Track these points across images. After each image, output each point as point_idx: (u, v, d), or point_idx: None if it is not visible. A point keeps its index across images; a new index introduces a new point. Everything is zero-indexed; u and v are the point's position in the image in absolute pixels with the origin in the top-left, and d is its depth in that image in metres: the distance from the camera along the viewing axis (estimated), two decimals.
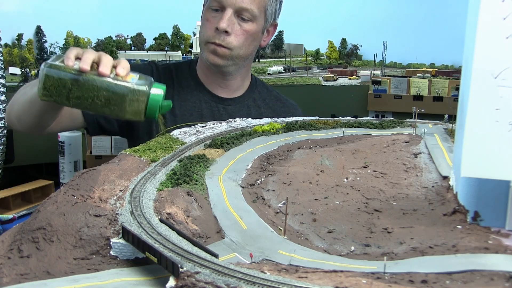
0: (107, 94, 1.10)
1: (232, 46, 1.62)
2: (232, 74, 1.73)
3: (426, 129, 1.22)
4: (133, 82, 1.11)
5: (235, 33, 1.60)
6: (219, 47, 1.62)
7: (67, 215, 0.73)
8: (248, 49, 1.67)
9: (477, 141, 0.71)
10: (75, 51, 1.14)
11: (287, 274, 0.58)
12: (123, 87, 1.10)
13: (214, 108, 1.73)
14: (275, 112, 1.80)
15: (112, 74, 1.12)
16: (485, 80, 0.69)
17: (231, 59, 1.65)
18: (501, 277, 0.57)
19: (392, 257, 0.67)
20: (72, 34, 2.41)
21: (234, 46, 1.62)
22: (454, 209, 0.78)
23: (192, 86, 1.76)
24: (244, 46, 1.64)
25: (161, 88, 1.14)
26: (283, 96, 1.93)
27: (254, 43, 1.68)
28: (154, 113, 1.12)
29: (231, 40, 1.60)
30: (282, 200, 0.89)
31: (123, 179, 0.89)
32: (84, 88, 1.10)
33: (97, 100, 1.11)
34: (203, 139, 1.18)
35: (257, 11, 1.61)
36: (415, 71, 2.95)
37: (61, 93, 1.11)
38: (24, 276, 0.65)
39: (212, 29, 1.61)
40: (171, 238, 0.66)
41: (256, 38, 1.68)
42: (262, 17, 1.65)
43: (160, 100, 1.12)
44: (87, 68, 1.10)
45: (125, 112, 1.11)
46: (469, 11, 0.75)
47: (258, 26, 1.65)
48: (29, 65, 2.29)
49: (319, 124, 1.33)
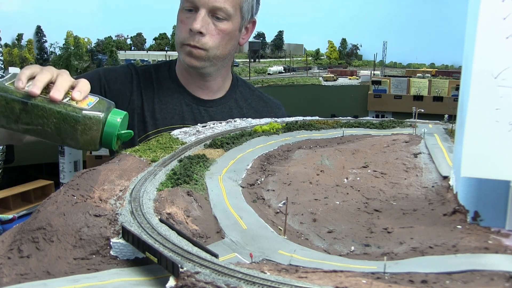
0: (57, 122, 1.00)
1: (207, 46, 1.58)
2: (211, 75, 1.69)
3: (426, 129, 1.22)
4: (88, 108, 1.01)
5: (210, 33, 1.57)
6: (195, 49, 1.58)
7: (67, 215, 0.73)
8: (225, 48, 1.63)
9: (477, 141, 0.71)
10: (29, 71, 1.04)
11: (287, 274, 0.58)
12: (74, 114, 1.00)
13: (195, 110, 1.69)
14: (258, 112, 1.77)
15: (67, 98, 1.02)
16: (485, 80, 0.69)
17: (208, 60, 1.61)
18: (501, 277, 0.57)
19: (392, 257, 0.67)
20: (72, 34, 2.41)
21: (209, 46, 1.58)
22: (454, 209, 0.78)
23: (173, 88, 1.72)
24: (220, 46, 1.60)
25: (120, 115, 1.03)
26: (265, 95, 1.90)
27: (231, 42, 1.64)
28: (110, 143, 1.02)
29: (206, 40, 1.57)
30: (282, 200, 0.89)
31: (123, 179, 0.89)
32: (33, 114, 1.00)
33: (47, 128, 1.01)
34: (203, 139, 1.18)
35: (232, 9, 1.57)
36: (415, 71, 2.95)
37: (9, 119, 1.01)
38: (24, 276, 0.65)
39: (186, 30, 1.57)
40: (171, 238, 0.66)
41: (232, 37, 1.64)
42: (238, 15, 1.62)
43: (116, 129, 1.02)
44: (37, 93, 1.00)
45: (77, 142, 1.02)
46: (469, 11, 0.75)
47: (234, 25, 1.61)
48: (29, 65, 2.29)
49: (319, 124, 1.33)
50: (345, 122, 1.37)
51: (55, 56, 2.35)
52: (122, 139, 1.06)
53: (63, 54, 2.31)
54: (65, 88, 1.03)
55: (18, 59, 2.48)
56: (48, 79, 1.03)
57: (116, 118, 1.02)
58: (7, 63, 2.48)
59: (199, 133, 1.25)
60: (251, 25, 1.74)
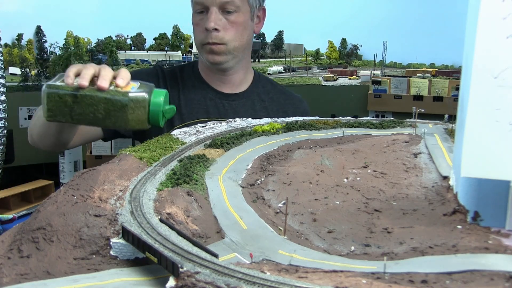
0: (106, 107, 1.11)
1: (225, 40, 1.66)
2: (233, 68, 1.77)
3: (426, 129, 1.22)
4: (133, 91, 1.12)
5: (224, 28, 1.65)
6: (214, 45, 1.67)
7: (67, 215, 0.73)
8: (242, 38, 1.71)
9: (477, 141, 0.71)
10: (75, 69, 1.16)
11: (287, 274, 0.58)
12: (122, 98, 1.10)
13: (219, 104, 1.77)
14: (280, 105, 1.84)
15: (112, 86, 1.12)
16: (485, 80, 0.69)
17: (229, 53, 1.70)
18: (501, 277, 0.57)
19: (392, 257, 0.67)
20: (72, 34, 2.41)
21: (227, 40, 1.67)
22: (454, 209, 0.78)
23: (196, 85, 1.80)
24: (237, 37, 1.69)
25: (162, 93, 1.13)
26: (287, 89, 1.97)
27: (246, 31, 1.72)
28: (157, 119, 1.12)
29: (223, 35, 1.65)
30: (282, 200, 0.89)
31: (123, 179, 0.89)
32: (84, 104, 1.11)
33: (98, 114, 1.11)
34: (203, 139, 1.18)
35: (239, 1, 1.65)
36: (415, 71, 2.95)
37: (64, 112, 1.12)
38: (24, 276, 0.65)
39: (202, 31, 1.66)
40: (171, 238, 0.66)
41: (246, 27, 1.72)
42: (246, 5, 1.69)
43: (161, 105, 1.11)
44: (85, 84, 1.11)
45: (128, 122, 1.12)
46: (469, 11, 0.75)
47: (245, 15, 1.69)
48: (29, 65, 2.29)
49: (319, 124, 1.33)
50: (345, 122, 1.37)
51: (55, 56, 2.35)
52: (167, 116, 1.15)
53: (63, 54, 2.31)
54: (109, 77, 1.14)
55: (18, 59, 2.48)
56: (92, 73, 1.15)
57: (159, 97, 1.12)
58: (7, 63, 2.48)
59: (199, 133, 1.25)
60: (261, 12, 1.81)
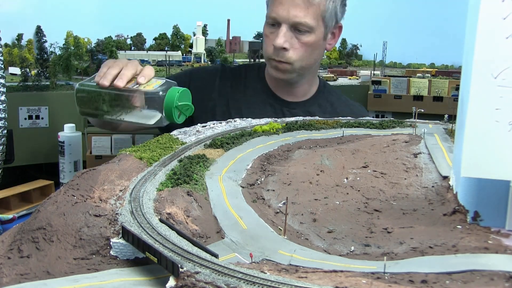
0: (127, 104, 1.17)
1: (291, 60, 1.62)
2: (298, 82, 1.74)
3: (426, 129, 1.22)
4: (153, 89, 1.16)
5: (293, 47, 1.60)
6: (280, 63, 1.63)
7: (67, 215, 0.73)
8: (310, 59, 1.66)
9: (477, 141, 0.71)
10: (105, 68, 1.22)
11: (287, 274, 0.58)
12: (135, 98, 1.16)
13: (278, 111, 1.73)
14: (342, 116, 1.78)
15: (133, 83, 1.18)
16: (485, 80, 0.69)
17: (294, 72, 1.66)
18: (501, 277, 0.57)
19: (392, 257, 0.67)
20: (72, 34, 2.40)
21: (294, 60, 1.62)
22: (454, 209, 0.78)
23: (259, 88, 1.78)
24: (305, 57, 1.63)
25: (178, 90, 1.15)
26: (351, 101, 1.92)
27: (315, 51, 1.66)
28: (170, 115, 1.15)
29: (290, 55, 1.60)
30: (282, 200, 0.89)
31: (123, 179, 0.89)
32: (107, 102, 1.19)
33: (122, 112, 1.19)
34: (203, 139, 1.18)
35: (313, 21, 1.58)
36: (415, 71, 2.95)
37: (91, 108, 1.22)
38: (24, 276, 0.65)
39: (270, 45, 1.62)
40: (171, 238, 0.66)
41: (317, 47, 1.65)
42: (321, 25, 1.62)
43: (173, 101, 1.13)
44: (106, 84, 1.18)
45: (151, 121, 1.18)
46: (469, 11, 0.75)
47: (317, 36, 1.62)
48: (29, 65, 2.28)
49: (319, 124, 1.33)
50: (345, 122, 1.37)
51: (55, 56, 2.34)
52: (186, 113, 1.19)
53: (63, 54, 2.30)
54: (128, 76, 1.20)
55: (18, 59, 2.47)
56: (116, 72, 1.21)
57: (174, 93, 1.15)
58: (7, 63, 2.48)
59: (199, 133, 1.25)
60: (337, 30, 1.74)
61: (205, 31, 3.12)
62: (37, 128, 2.15)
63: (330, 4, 1.61)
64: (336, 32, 1.74)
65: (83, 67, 2.44)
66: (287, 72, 1.65)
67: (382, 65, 2.97)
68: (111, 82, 1.20)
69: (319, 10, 1.59)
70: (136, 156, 1.00)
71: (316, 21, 1.59)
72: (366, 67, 3.28)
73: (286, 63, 1.62)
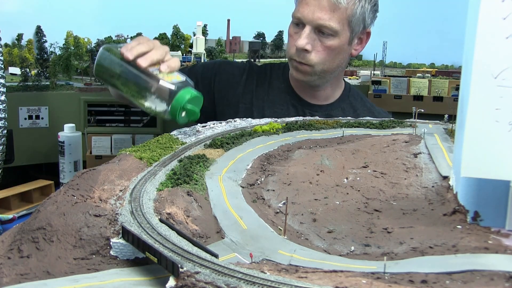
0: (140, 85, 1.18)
1: (313, 63, 1.60)
2: (320, 85, 1.72)
3: (426, 129, 1.22)
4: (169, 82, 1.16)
5: (315, 49, 1.58)
6: (300, 65, 1.61)
7: (67, 215, 0.73)
8: (333, 63, 1.64)
9: (477, 141, 0.71)
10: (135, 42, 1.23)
11: (287, 274, 0.58)
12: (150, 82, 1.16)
13: (300, 112, 1.71)
14: None
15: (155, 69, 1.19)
16: (485, 80, 0.69)
17: (314, 75, 1.64)
18: (501, 277, 0.57)
19: (392, 257, 0.67)
20: (72, 34, 2.40)
21: (315, 63, 1.60)
22: (454, 209, 0.78)
23: (282, 88, 1.77)
24: (326, 61, 1.61)
25: (191, 93, 1.15)
26: (377, 108, 1.88)
27: (339, 56, 1.64)
28: (175, 113, 1.15)
29: (311, 57, 1.59)
30: (282, 200, 0.89)
31: (123, 179, 0.89)
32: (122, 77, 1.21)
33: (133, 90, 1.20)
34: (203, 139, 1.18)
35: (338, 25, 1.56)
36: (415, 71, 2.95)
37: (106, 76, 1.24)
38: (24, 276, 0.65)
39: (293, 45, 1.60)
40: (171, 238, 0.66)
41: (340, 52, 1.63)
42: (346, 30, 1.59)
43: (182, 103, 1.13)
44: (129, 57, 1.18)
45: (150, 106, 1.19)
46: (469, 11, 0.75)
47: (341, 40, 1.59)
48: (29, 65, 2.29)
49: (319, 124, 1.33)
50: (345, 122, 1.37)
51: (55, 56, 2.34)
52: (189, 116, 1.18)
53: (63, 54, 2.31)
54: (153, 59, 1.19)
55: (18, 59, 2.47)
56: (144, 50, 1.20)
57: (186, 94, 1.15)
58: (7, 63, 2.48)
59: (199, 133, 1.25)
60: (365, 36, 1.71)
61: (205, 31, 3.12)
62: (37, 128, 2.15)
63: (358, 9, 1.58)
64: (363, 38, 1.71)
65: (83, 67, 2.44)
66: (308, 75, 1.63)
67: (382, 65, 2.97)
68: (135, 57, 1.19)
69: (346, 14, 1.56)
70: (136, 156, 1.00)
71: (341, 25, 1.56)
72: (366, 67, 3.27)
73: (306, 65, 1.60)
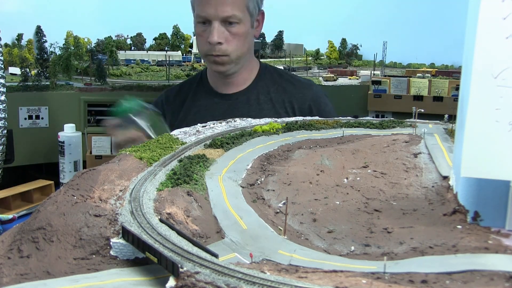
0: None
1: (228, 52, 1.72)
2: (237, 71, 1.82)
3: (426, 129, 1.22)
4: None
5: (227, 40, 1.70)
6: (217, 57, 1.73)
7: (67, 215, 0.73)
8: (244, 48, 1.76)
9: (477, 141, 0.71)
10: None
11: (287, 274, 0.58)
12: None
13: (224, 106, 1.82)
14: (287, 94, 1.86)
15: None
16: (485, 80, 0.69)
17: (232, 62, 1.76)
18: (501, 277, 0.57)
19: (392, 257, 0.67)
20: (72, 34, 2.40)
21: (230, 51, 1.72)
22: (454, 209, 0.78)
23: (202, 92, 1.88)
24: (239, 47, 1.74)
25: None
26: (297, 77, 1.99)
27: (247, 40, 1.77)
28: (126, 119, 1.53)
29: (225, 48, 1.71)
30: (282, 200, 0.89)
31: (123, 179, 0.89)
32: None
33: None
34: (203, 139, 1.18)
35: (240, 13, 1.69)
36: (415, 71, 2.94)
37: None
38: (24, 276, 0.65)
39: (205, 43, 1.72)
40: (171, 238, 0.66)
41: (247, 36, 1.76)
42: (247, 15, 1.73)
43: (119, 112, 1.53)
44: None
45: None
46: (469, 11, 0.75)
47: (246, 25, 1.73)
48: (29, 65, 2.29)
49: (319, 124, 1.33)
50: (345, 122, 1.37)
51: (55, 56, 2.34)
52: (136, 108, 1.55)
53: (63, 54, 2.31)
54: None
55: (18, 59, 2.47)
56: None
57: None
58: (7, 63, 2.48)
59: (199, 133, 1.25)
60: (260, 17, 1.84)
61: None
62: (37, 128, 2.15)
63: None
64: (260, 19, 1.85)
65: (83, 67, 2.44)
66: (226, 64, 1.75)
67: (382, 65, 2.97)
68: None
69: (244, 2, 1.71)
70: (136, 156, 1.00)
71: (242, 12, 1.70)
72: (366, 67, 3.27)
73: (223, 56, 1.72)
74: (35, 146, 2.16)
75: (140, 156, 1.00)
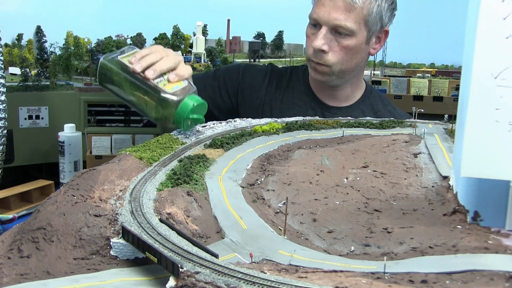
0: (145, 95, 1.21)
1: (330, 63, 1.60)
2: (339, 85, 1.72)
3: (426, 129, 1.22)
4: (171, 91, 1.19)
5: (332, 50, 1.59)
6: (318, 65, 1.62)
7: (67, 215, 0.73)
8: (350, 63, 1.64)
9: (477, 141, 0.71)
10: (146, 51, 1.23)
11: (287, 274, 0.58)
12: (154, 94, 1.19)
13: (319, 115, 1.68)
14: None
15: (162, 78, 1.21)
16: (485, 80, 0.69)
17: (332, 75, 1.64)
18: (501, 277, 0.57)
19: (392, 257, 0.67)
20: (72, 34, 2.40)
21: (332, 62, 1.60)
22: (454, 209, 0.78)
23: (302, 90, 1.78)
24: (344, 61, 1.61)
25: (195, 101, 1.19)
26: (399, 111, 1.87)
27: (357, 56, 1.63)
28: (180, 122, 1.19)
29: (328, 58, 1.59)
30: (282, 200, 0.89)
31: (123, 179, 0.89)
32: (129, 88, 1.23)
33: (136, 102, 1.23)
34: (203, 139, 1.18)
35: (355, 25, 1.56)
36: (415, 71, 2.95)
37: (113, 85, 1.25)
38: (24, 276, 0.65)
39: (311, 46, 1.61)
40: (171, 238, 0.66)
41: (358, 51, 1.63)
42: (363, 29, 1.59)
43: (186, 112, 1.18)
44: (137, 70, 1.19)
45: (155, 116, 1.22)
46: (469, 11, 0.75)
47: (358, 39, 1.59)
48: (29, 65, 2.28)
49: (319, 124, 1.33)
50: (345, 122, 1.37)
51: (55, 56, 2.34)
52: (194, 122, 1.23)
53: (63, 54, 2.31)
54: (162, 70, 1.21)
55: (18, 59, 2.47)
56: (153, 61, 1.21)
57: (190, 103, 1.19)
58: (7, 63, 2.48)
59: (199, 133, 1.25)
60: (382, 34, 1.71)
61: (205, 31, 3.12)
62: (37, 128, 2.15)
63: (375, 8, 1.58)
64: (381, 37, 1.70)
65: (83, 67, 2.44)
66: (326, 75, 1.64)
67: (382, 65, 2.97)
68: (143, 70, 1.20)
69: (362, 14, 1.56)
70: (136, 156, 1.00)
71: (357, 25, 1.56)
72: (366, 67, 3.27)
73: (324, 66, 1.61)
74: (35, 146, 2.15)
75: (140, 156, 1.00)
